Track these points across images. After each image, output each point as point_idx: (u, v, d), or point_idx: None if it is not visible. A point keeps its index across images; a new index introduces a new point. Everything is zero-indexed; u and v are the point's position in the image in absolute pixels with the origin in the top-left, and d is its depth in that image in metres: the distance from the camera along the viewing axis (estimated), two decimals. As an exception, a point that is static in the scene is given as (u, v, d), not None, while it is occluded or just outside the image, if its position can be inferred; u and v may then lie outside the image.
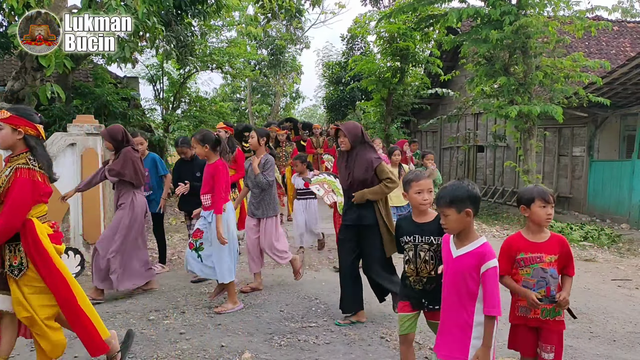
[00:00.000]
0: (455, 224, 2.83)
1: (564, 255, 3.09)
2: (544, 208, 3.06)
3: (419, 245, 3.34)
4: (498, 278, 2.80)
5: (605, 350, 4.32)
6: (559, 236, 3.15)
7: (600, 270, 7.35)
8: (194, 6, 11.62)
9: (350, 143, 4.82)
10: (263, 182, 5.69)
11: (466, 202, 2.79)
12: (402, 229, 3.49)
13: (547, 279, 3.08)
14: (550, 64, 10.46)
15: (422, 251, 3.32)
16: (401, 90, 17.57)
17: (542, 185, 3.19)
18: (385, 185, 4.73)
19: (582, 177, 12.99)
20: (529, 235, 3.15)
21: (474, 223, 2.90)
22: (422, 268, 3.31)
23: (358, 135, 4.82)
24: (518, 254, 3.12)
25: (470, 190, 2.82)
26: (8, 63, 13.85)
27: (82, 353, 4.10)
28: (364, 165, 4.75)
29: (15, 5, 6.15)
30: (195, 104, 19.48)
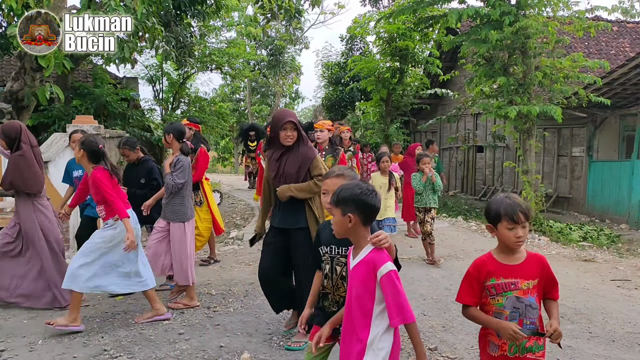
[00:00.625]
0: (338, 227, 2.49)
1: (545, 278, 2.55)
2: (512, 230, 2.46)
3: (335, 258, 2.85)
4: (399, 283, 2.35)
5: (604, 351, 4.32)
6: (538, 256, 2.58)
7: (600, 270, 7.36)
8: (193, 7, 11.63)
9: (297, 137, 4.25)
10: (170, 183, 5.16)
11: (350, 205, 2.42)
12: (320, 237, 2.98)
13: (522, 310, 2.50)
14: (549, 64, 10.46)
15: (339, 265, 2.83)
16: (400, 91, 17.58)
17: (516, 197, 2.54)
18: (316, 183, 4.12)
19: (582, 178, 13.00)
20: (501, 257, 2.56)
21: (365, 230, 2.48)
22: (339, 285, 2.83)
23: (300, 125, 4.29)
24: (488, 279, 2.54)
25: (359, 194, 2.43)
26: (7, 64, 13.85)
27: (80, 354, 4.10)
28: (299, 158, 4.18)
29: (15, 5, 6.14)
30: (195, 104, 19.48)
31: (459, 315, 5.08)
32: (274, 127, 4.23)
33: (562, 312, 5.22)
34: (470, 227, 10.60)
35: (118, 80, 14.63)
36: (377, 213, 2.54)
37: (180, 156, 5.30)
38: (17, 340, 4.38)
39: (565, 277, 6.77)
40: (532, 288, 2.51)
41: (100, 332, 4.58)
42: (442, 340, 4.47)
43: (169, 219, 5.28)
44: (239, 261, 7.49)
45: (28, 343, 4.32)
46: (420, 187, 7.32)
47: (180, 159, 5.26)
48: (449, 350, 4.25)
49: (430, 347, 4.29)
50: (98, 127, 7.61)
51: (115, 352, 4.10)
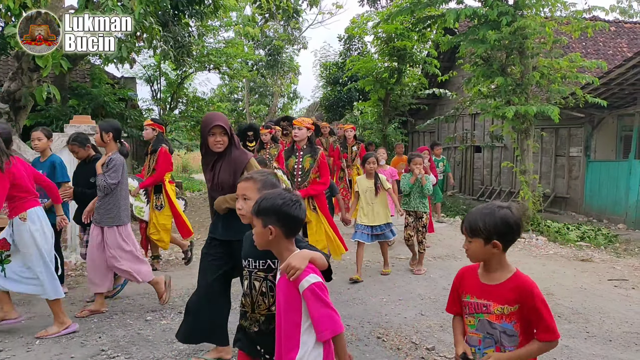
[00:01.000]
0: (259, 239, 2.34)
1: (527, 309, 2.19)
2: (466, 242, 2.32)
3: (253, 272, 2.62)
4: (324, 294, 2.18)
5: (601, 350, 4.33)
6: (522, 281, 2.23)
7: (597, 270, 7.37)
8: (191, 6, 11.62)
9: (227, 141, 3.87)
10: (101, 184, 4.93)
11: (271, 217, 2.28)
12: (243, 249, 2.72)
13: (497, 337, 2.25)
14: (547, 64, 10.47)
15: (257, 280, 2.60)
16: (398, 91, 17.58)
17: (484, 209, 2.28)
18: None
19: (579, 178, 13.01)
20: (482, 272, 2.34)
21: (289, 243, 2.33)
22: (260, 302, 2.60)
23: (230, 129, 3.90)
24: (464, 294, 2.36)
25: (280, 205, 2.28)
26: (4, 64, 13.83)
27: (78, 354, 4.10)
28: (232, 164, 3.83)
29: (12, 5, 6.13)
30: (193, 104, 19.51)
31: (456, 315, 5.09)
32: (202, 132, 3.86)
33: (559, 312, 5.25)
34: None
35: (116, 80, 14.63)
36: (301, 225, 2.39)
37: (113, 155, 5.06)
38: (14, 341, 4.38)
39: (562, 277, 6.79)
40: (509, 315, 2.22)
41: (98, 332, 4.58)
42: (440, 340, 4.48)
43: (102, 223, 5.03)
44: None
45: (25, 343, 4.31)
46: (407, 188, 6.83)
47: (113, 158, 5.02)
48: (446, 350, 4.26)
49: (428, 346, 4.30)
50: (95, 127, 7.58)
51: (112, 352, 4.10)
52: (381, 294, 5.85)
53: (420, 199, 6.85)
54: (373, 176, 6.65)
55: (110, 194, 5.01)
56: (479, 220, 2.22)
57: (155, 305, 5.38)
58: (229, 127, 3.84)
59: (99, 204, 5.07)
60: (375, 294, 5.87)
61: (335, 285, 6.19)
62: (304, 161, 5.87)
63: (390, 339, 4.48)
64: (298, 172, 5.91)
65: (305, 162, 5.86)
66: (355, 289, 6.04)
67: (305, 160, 5.87)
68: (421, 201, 6.85)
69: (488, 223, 2.19)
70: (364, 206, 6.65)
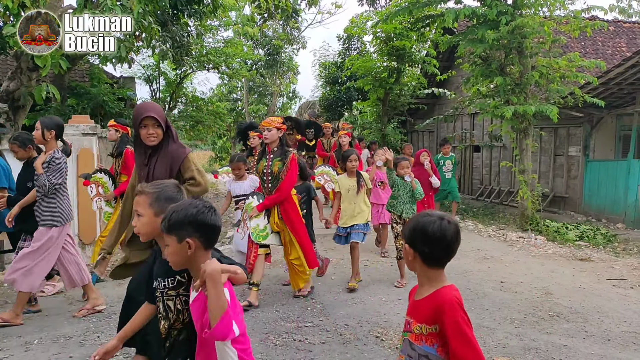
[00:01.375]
0: (176, 257, 2.14)
1: (445, 328, 1.93)
2: None
3: (165, 292, 2.39)
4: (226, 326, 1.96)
5: (599, 350, 4.33)
6: (441, 295, 2.00)
7: (596, 269, 7.38)
8: (190, 6, 11.61)
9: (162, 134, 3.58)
10: (44, 184, 4.69)
11: (187, 229, 2.09)
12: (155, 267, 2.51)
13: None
14: (546, 64, 10.48)
15: (170, 299, 2.39)
16: (397, 90, 17.58)
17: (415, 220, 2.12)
18: (186, 187, 3.40)
19: (578, 177, 13.01)
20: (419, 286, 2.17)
21: (206, 256, 2.14)
22: (175, 320, 2.39)
23: (166, 121, 3.62)
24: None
25: (195, 214, 2.10)
26: (3, 63, 13.82)
27: (77, 353, 4.10)
28: (168, 159, 3.56)
29: (10, 5, 6.12)
30: (192, 104, 19.48)
31: (455, 315, 5.09)
32: (134, 124, 3.57)
33: (558, 311, 5.25)
34: (467, 226, 10.61)
35: (115, 80, 14.62)
36: (219, 233, 2.21)
37: (55, 153, 4.80)
38: (12, 340, 4.38)
39: (561, 276, 6.79)
40: (428, 336, 1.99)
41: (97, 332, 4.58)
42: (439, 340, 4.47)
43: (44, 223, 4.83)
44: (236, 261, 7.47)
45: (24, 343, 4.31)
46: (397, 189, 6.30)
47: (55, 157, 4.76)
48: (445, 350, 4.25)
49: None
50: (94, 127, 7.60)
51: (111, 352, 4.10)
52: (380, 294, 5.86)
53: (409, 203, 6.28)
54: (355, 174, 6.26)
55: (54, 194, 4.80)
56: (408, 224, 2.12)
57: (154, 305, 5.37)
58: (163, 119, 3.56)
59: (38, 205, 4.84)
60: (374, 294, 5.87)
61: (334, 285, 6.20)
62: (272, 165, 5.38)
63: (389, 338, 4.48)
64: (268, 177, 5.42)
65: (274, 165, 5.37)
66: (354, 289, 6.05)
67: (275, 164, 5.37)
68: (410, 206, 6.28)
69: (409, 228, 2.08)
70: (346, 206, 6.23)
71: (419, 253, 2.05)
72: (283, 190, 5.35)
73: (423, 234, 2.02)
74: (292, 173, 5.40)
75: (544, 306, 5.46)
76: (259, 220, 5.40)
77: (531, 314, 5.22)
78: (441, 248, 2.02)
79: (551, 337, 4.57)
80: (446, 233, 2.00)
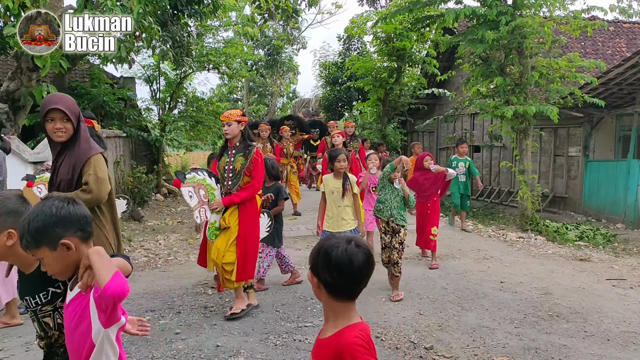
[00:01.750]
0: (57, 265, 1.93)
1: None
2: None
3: (38, 309, 2.21)
4: None
5: (599, 350, 4.34)
6: (342, 338, 1.73)
7: (595, 269, 7.38)
8: (190, 6, 11.62)
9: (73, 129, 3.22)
10: None
11: (55, 230, 1.87)
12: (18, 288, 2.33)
13: None
14: (545, 64, 10.49)
15: (47, 317, 2.21)
16: (398, 91, 17.60)
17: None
18: (76, 194, 3.05)
19: (578, 177, 13.02)
20: None
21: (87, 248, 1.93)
22: (59, 337, 2.22)
23: (77, 116, 3.23)
24: None
25: (52, 212, 1.88)
26: (4, 63, 13.83)
27: (77, 353, 4.11)
28: (74, 159, 3.21)
29: (11, 5, 6.14)
30: (192, 104, 19.46)
31: (455, 315, 5.11)
32: (41, 117, 3.21)
33: (557, 311, 5.26)
34: (467, 226, 10.61)
35: (115, 80, 14.63)
36: (91, 221, 2.00)
37: None
38: (13, 341, 4.38)
39: (561, 277, 6.80)
40: None
41: (97, 332, 4.58)
42: (438, 340, 4.48)
43: None
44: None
45: (24, 343, 4.32)
46: (384, 192, 5.80)
47: None
48: (444, 350, 4.26)
49: (426, 346, 4.31)
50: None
51: (111, 352, 4.11)
52: (380, 294, 5.86)
53: (398, 209, 5.76)
54: (342, 176, 5.68)
55: None
56: (314, 247, 1.82)
57: (154, 305, 5.39)
58: (73, 112, 3.17)
59: None
60: (374, 294, 5.87)
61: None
62: (235, 161, 4.93)
63: (388, 338, 4.49)
64: (228, 174, 4.94)
65: (236, 162, 4.91)
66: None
67: (237, 160, 4.91)
68: (399, 212, 5.76)
69: (313, 252, 1.79)
70: (330, 209, 5.69)
71: (322, 282, 1.74)
72: (254, 188, 4.93)
73: (326, 259, 1.72)
74: (260, 168, 4.96)
75: (544, 306, 5.46)
76: (217, 217, 4.91)
77: (531, 314, 5.22)
78: (346, 277, 1.71)
79: (551, 337, 4.58)
80: (353, 259, 1.70)
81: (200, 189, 4.91)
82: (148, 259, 7.85)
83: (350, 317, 1.77)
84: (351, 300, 1.78)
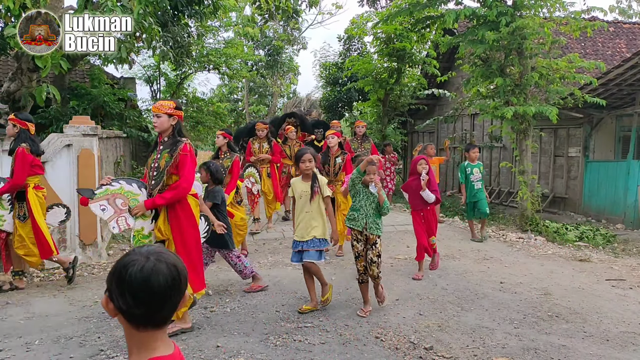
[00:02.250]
0: None
1: None
2: None
3: None
4: None
5: (598, 350, 4.35)
6: None
7: (595, 270, 7.39)
8: (191, 7, 11.64)
9: None
10: None
11: None
12: None
13: None
14: (545, 64, 10.49)
15: None
16: (398, 91, 17.61)
17: None
18: None
19: (578, 178, 13.02)
20: None
21: None
22: None
23: None
24: None
25: None
26: (4, 64, 13.84)
27: (77, 354, 4.11)
28: None
29: (12, 6, 6.15)
30: (193, 104, 19.51)
31: (454, 315, 5.12)
32: None
33: (557, 312, 5.27)
34: (466, 227, 10.61)
35: (115, 81, 14.64)
36: None
37: None
38: (13, 341, 4.39)
39: (560, 277, 6.81)
40: None
41: (97, 333, 4.60)
42: (438, 340, 4.49)
43: None
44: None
45: (25, 343, 4.33)
46: (358, 198, 5.21)
47: None
48: (444, 350, 4.27)
49: (426, 346, 4.32)
50: (95, 128, 7.61)
51: (112, 353, 4.12)
52: (380, 294, 5.86)
53: (374, 217, 5.18)
54: (310, 178, 5.23)
55: None
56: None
57: (154, 305, 5.38)
58: None
59: None
60: (374, 294, 5.87)
61: (334, 285, 6.21)
62: (160, 158, 4.44)
63: (388, 338, 4.50)
64: (153, 173, 4.52)
65: (162, 159, 4.43)
66: (354, 289, 6.05)
67: (162, 157, 4.43)
68: (375, 220, 5.18)
69: (110, 272, 1.47)
70: (298, 215, 5.25)
71: (118, 309, 1.41)
72: (181, 189, 4.39)
73: (119, 280, 1.40)
74: (187, 166, 4.41)
75: (543, 306, 5.47)
76: (144, 223, 4.55)
77: (530, 314, 5.23)
78: (143, 302, 1.39)
79: (550, 338, 4.59)
80: (150, 280, 1.39)
81: (117, 198, 4.51)
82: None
83: (154, 349, 1.45)
84: (156, 328, 1.44)
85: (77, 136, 7.43)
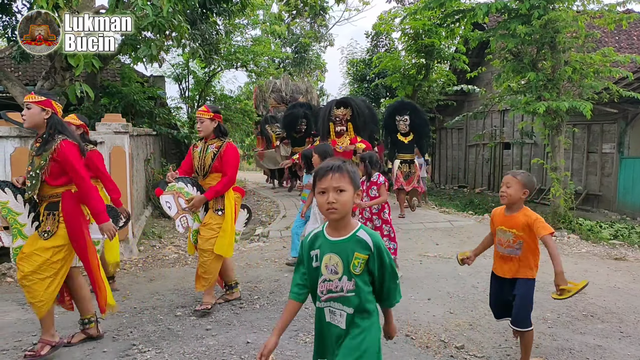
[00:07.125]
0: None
1: None
2: None
3: None
4: None
5: (636, 351, 4.22)
6: None
7: (631, 269, 7.20)
8: (219, 5, 11.71)
9: None
10: None
11: None
12: None
13: None
14: (579, 59, 10.25)
15: None
16: (426, 87, 17.46)
17: None
18: None
19: (612, 175, 12.73)
20: None
21: None
22: None
23: None
24: None
25: None
26: (38, 63, 14.14)
27: (110, 348, 4.17)
28: None
29: (45, 6, 6.26)
30: (220, 102, 19.65)
31: (486, 314, 5.03)
32: None
33: (592, 311, 5.14)
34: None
35: (145, 79, 14.84)
36: None
37: None
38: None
39: (595, 276, 6.65)
40: None
41: (129, 327, 4.65)
42: (469, 339, 4.42)
43: None
44: (265, 258, 7.52)
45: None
46: None
47: None
48: (476, 349, 4.21)
49: (457, 345, 4.26)
50: (126, 125, 7.71)
51: (143, 347, 4.16)
52: (409, 292, 5.81)
53: None
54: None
55: None
56: None
57: (184, 301, 5.44)
58: None
59: None
60: (404, 292, 5.79)
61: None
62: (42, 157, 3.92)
63: (419, 337, 4.45)
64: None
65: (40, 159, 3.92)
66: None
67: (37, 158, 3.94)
68: None
69: None
70: None
71: None
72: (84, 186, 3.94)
73: None
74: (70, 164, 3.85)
75: (578, 306, 5.35)
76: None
77: (564, 313, 5.12)
78: None
79: (585, 338, 4.48)
80: None
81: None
82: (178, 255, 7.94)
83: None
84: None
85: (109, 134, 7.54)
